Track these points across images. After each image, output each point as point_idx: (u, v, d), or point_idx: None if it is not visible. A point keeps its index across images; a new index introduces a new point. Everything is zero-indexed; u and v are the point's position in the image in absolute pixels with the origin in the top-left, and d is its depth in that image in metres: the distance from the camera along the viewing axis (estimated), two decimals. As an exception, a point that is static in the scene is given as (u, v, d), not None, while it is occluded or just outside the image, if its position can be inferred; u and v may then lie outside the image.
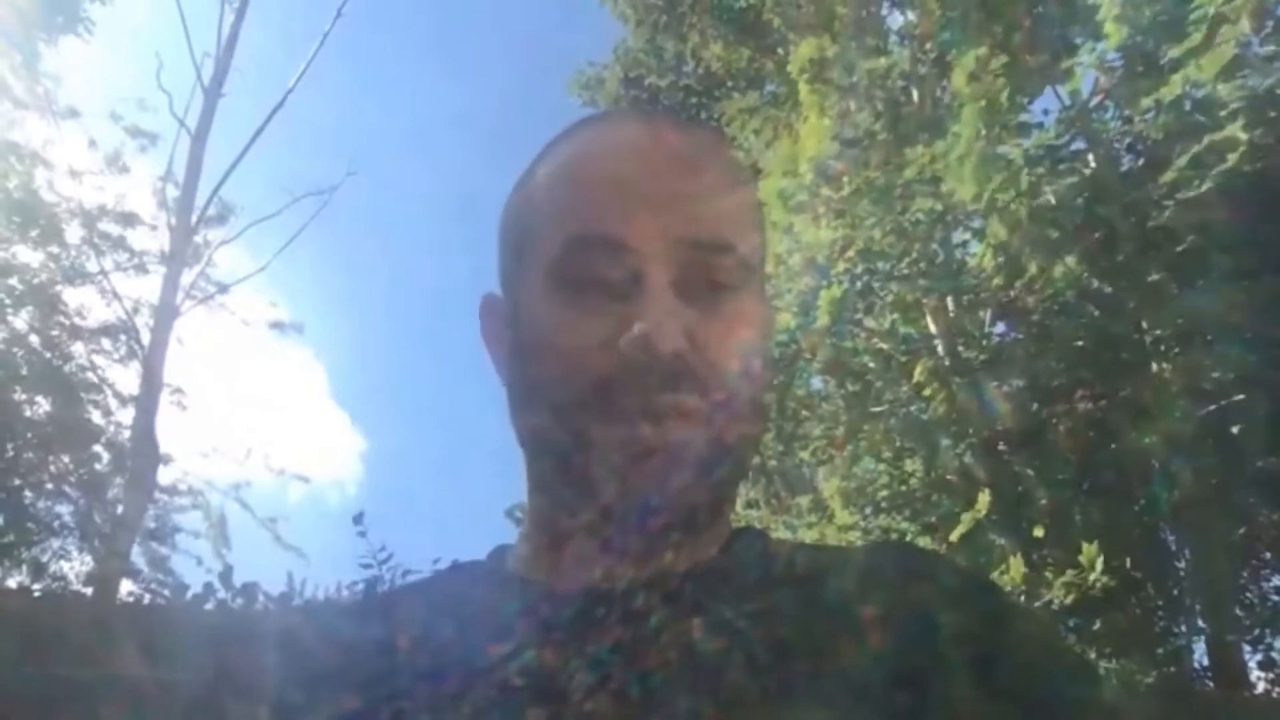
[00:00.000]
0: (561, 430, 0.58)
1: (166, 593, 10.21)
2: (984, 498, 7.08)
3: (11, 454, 10.44)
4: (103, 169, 11.20)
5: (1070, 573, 6.67)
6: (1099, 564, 6.57)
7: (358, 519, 5.67)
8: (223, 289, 11.70)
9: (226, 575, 5.41)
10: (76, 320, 11.04)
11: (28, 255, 10.71)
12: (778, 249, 8.40)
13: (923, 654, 0.54)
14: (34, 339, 10.76)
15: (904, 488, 8.84)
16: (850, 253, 8.26)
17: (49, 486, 10.84)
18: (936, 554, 0.67)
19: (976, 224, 8.99)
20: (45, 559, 10.82)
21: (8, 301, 10.45)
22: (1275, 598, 9.64)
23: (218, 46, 11.11)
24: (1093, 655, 7.68)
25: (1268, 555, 9.32)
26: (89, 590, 10.03)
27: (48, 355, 10.78)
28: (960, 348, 8.72)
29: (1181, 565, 9.09)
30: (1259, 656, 9.24)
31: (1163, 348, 7.92)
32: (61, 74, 11.02)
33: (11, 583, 10.34)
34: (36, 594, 9.70)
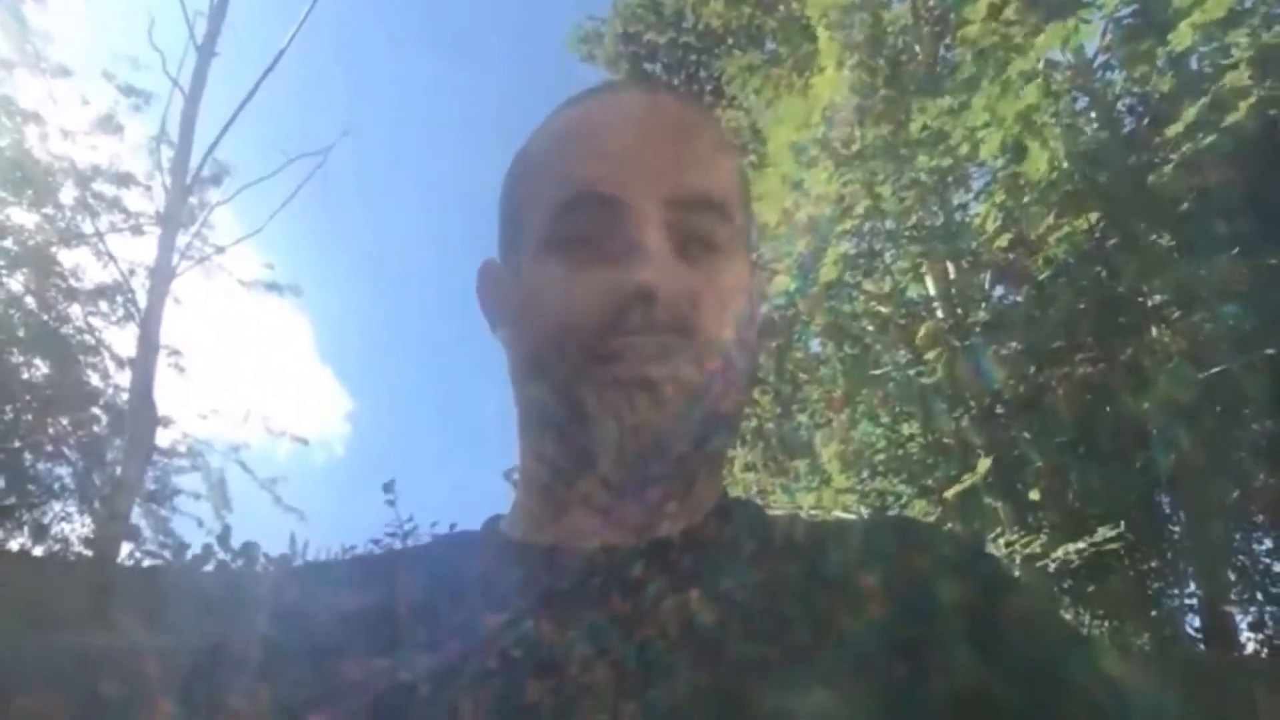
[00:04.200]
0: (556, 395, 0.59)
1: (167, 554, 10.28)
2: (984, 462, 7.11)
3: (10, 416, 10.48)
4: (96, 129, 11.09)
5: (1072, 547, 6.73)
6: (1100, 531, 6.64)
7: (388, 487, 5.64)
8: (219, 250, 11.63)
9: (225, 536, 5.44)
10: (73, 282, 11.02)
11: (22, 216, 10.65)
12: (785, 203, 8.34)
13: (922, 623, 0.54)
14: (30, 301, 10.74)
15: (901, 451, 8.88)
16: (858, 209, 8.20)
17: (48, 449, 10.89)
18: (934, 527, 0.67)
19: (978, 184, 8.96)
20: (46, 521, 10.90)
21: (3, 263, 10.41)
22: (1266, 560, 9.74)
23: (211, 4, 10.95)
24: (1088, 618, 7.77)
25: (1260, 518, 9.39)
26: (90, 552, 10.09)
27: (44, 317, 10.77)
28: (959, 310, 8.71)
29: (1176, 529, 9.17)
30: (1249, 618, 9.36)
31: (1162, 311, 7.91)
32: (52, 31, 10.88)
33: (13, 545, 10.42)
34: (38, 555, 9.79)
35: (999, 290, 9.55)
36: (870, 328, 9.11)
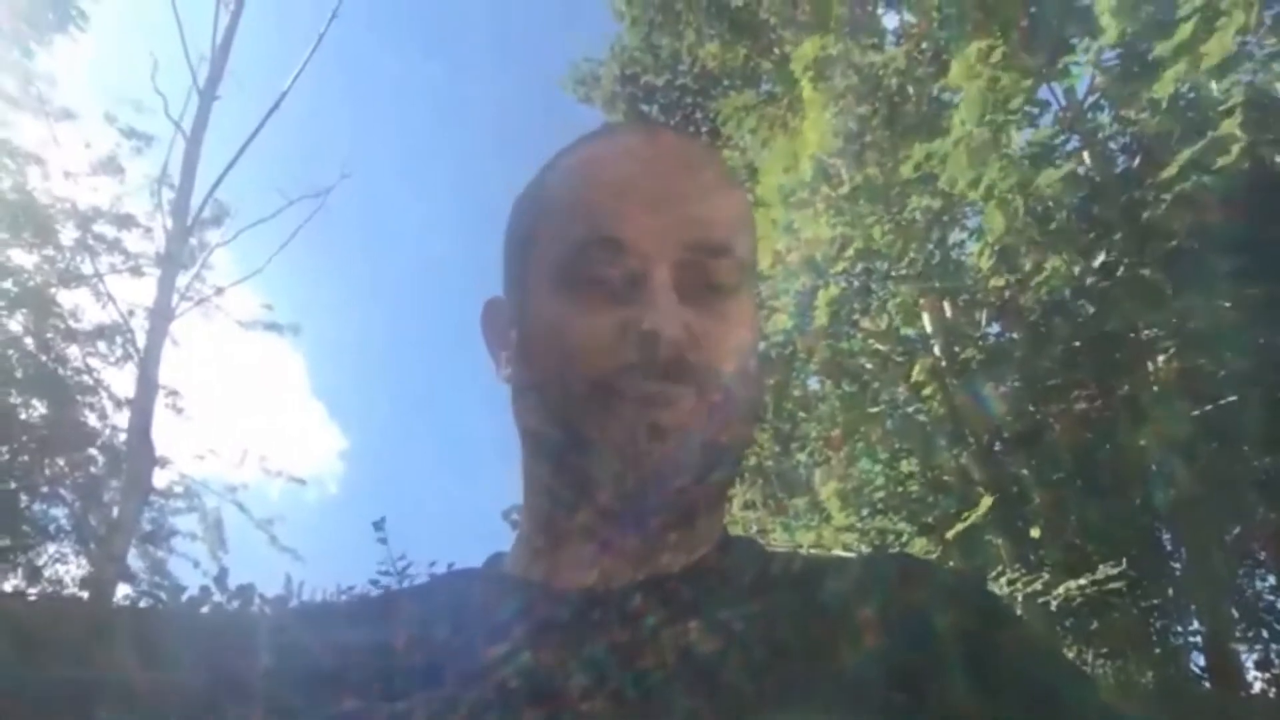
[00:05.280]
0: (560, 429, 0.59)
1: (163, 595, 10.19)
2: (986, 501, 7.09)
3: (7, 457, 10.43)
4: (97, 171, 11.18)
5: (1074, 584, 6.69)
6: (1101, 569, 6.61)
7: (379, 525, 5.55)
8: (218, 291, 11.69)
9: (222, 578, 5.39)
10: (72, 323, 11.03)
11: (22, 258, 10.70)
12: (776, 246, 8.40)
13: (919, 655, 0.54)
14: (29, 342, 10.75)
15: (901, 489, 8.84)
16: (849, 251, 8.26)
17: (44, 490, 10.82)
18: (932, 562, 0.68)
19: (973, 223, 9.02)
20: (41, 563, 10.80)
21: (2, 304, 10.43)
22: (1270, 597, 9.64)
23: (213, 48, 11.09)
24: (1091, 656, 7.69)
25: (1262, 555, 9.32)
26: (85, 594, 10.00)
27: (43, 358, 10.77)
28: (956, 348, 8.72)
29: (1178, 565, 9.10)
30: (1255, 656, 9.25)
31: (1158, 347, 7.93)
32: (57, 75, 11.00)
33: (7, 586, 10.32)
34: (32, 598, 9.68)
35: (995, 327, 9.58)
36: (868, 365, 9.12)
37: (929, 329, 9.01)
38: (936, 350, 8.77)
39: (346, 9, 11.68)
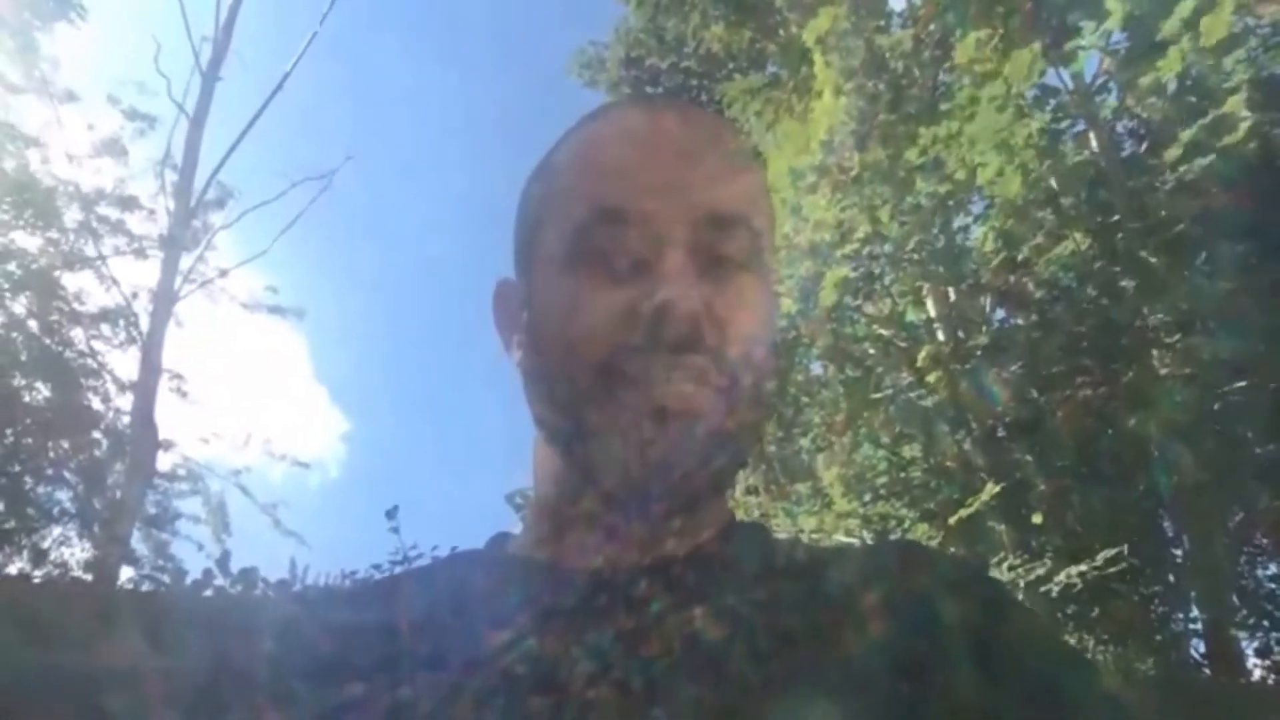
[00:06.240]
0: (566, 416, 0.58)
1: (166, 579, 10.24)
2: (988, 487, 7.09)
3: (11, 440, 10.44)
4: (100, 153, 11.16)
5: (1075, 570, 6.70)
6: (1102, 555, 6.62)
7: (391, 513, 5.54)
8: (222, 273, 11.70)
9: (224, 560, 5.41)
10: (76, 305, 11.03)
11: (26, 240, 10.69)
12: (784, 229, 8.37)
13: (924, 642, 0.54)
14: (33, 324, 10.74)
15: (903, 475, 8.85)
16: (858, 233, 8.22)
17: (49, 472, 10.84)
18: (936, 550, 0.67)
19: (977, 208, 8.99)
20: (45, 545, 10.84)
21: (6, 287, 10.42)
22: (1270, 585, 9.66)
23: (216, 30, 11.06)
24: (1091, 643, 7.71)
25: (1264, 542, 9.34)
26: (89, 577, 10.04)
27: (47, 341, 10.76)
28: (960, 334, 8.71)
29: (1179, 552, 9.11)
30: (1255, 643, 9.28)
31: (1163, 334, 7.91)
32: (59, 57, 10.98)
33: (12, 569, 10.36)
34: (36, 580, 9.72)
35: (1000, 313, 9.56)
36: (872, 350, 9.11)
37: (932, 315, 9.00)
38: (940, 336, 8.76)
39: (349, -9, 11.64)
